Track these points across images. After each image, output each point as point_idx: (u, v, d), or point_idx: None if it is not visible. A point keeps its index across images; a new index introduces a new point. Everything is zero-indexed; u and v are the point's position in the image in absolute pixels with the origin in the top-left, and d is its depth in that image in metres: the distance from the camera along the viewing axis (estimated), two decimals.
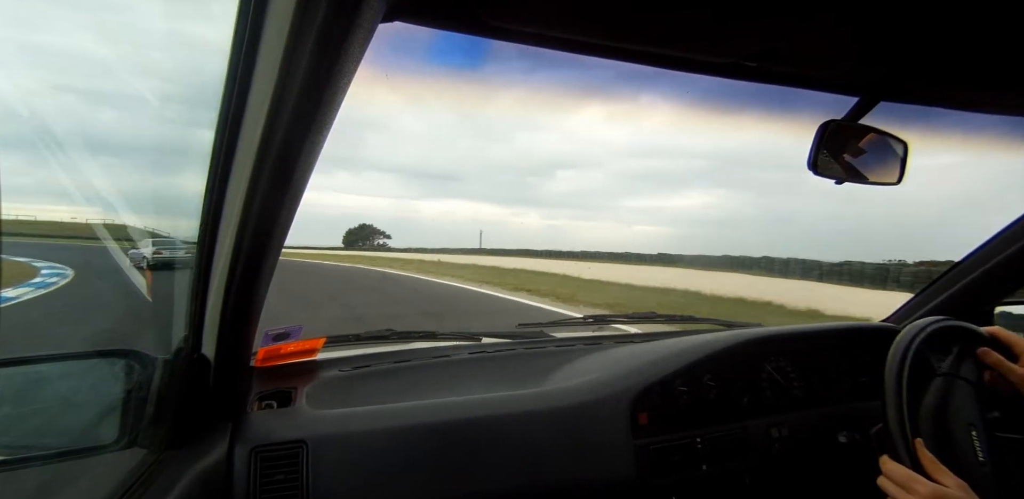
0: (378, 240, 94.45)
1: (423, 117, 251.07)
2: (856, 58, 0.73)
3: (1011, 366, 0.81)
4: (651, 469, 0.94)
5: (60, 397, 0.73)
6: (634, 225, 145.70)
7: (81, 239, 12.48)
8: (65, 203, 5.26)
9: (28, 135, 0.99)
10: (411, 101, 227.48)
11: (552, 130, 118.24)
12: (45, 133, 0.98)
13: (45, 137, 0.97)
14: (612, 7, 0.58)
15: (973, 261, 1.26)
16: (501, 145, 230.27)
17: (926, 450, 0.73)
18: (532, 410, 0.93)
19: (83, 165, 1.07)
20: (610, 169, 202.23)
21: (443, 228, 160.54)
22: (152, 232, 3.73)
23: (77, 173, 1.08)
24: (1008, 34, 0.65)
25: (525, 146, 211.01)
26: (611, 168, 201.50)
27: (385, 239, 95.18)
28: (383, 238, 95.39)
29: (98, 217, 1.43)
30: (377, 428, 0.85)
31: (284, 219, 0.64)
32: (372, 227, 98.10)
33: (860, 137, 0.87)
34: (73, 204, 5.12)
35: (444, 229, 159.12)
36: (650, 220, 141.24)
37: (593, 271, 18.32)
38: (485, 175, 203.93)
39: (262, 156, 0.55)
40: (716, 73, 0.75)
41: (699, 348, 1.07)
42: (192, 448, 0.76)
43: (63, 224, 15.03)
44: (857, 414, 1.09)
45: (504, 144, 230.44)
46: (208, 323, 0.76)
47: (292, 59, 0.45)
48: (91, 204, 1.19)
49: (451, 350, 1.23)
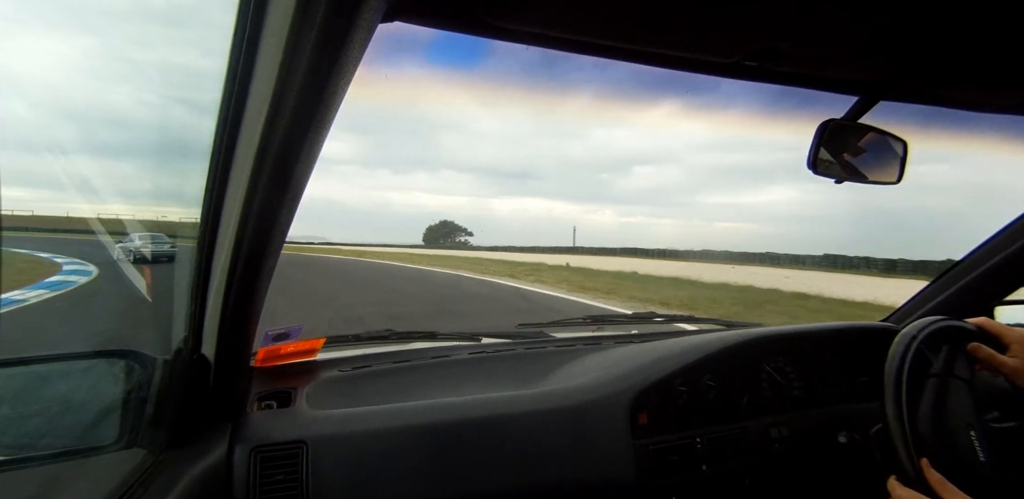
0: (459, 237, 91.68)
1: (498, 116, 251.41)
2: (856, 58, 0.73)
3: (1002, 359, 0.81)
4: (651, 469, 0.94)
5: (60, 397, 0.73)
6: (715, 222, 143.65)
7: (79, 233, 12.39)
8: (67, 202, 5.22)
9: (28, 135, 0.99)
10: (486, 102, 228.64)
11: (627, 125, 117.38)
12: (45, 133, 0.98)
13: (46, 137, 0.97)
14: (612, 7, 0.58)
15: (973, 260, 1.26)
16: (575, 142, 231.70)
17: (933, 470, 0.72)
18: (532, 410, 0.93)
19: (83, 165, 1.07)
20: (689, 164, 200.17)
21: (518, 226, 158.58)
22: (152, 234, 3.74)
23: (77, 173, 1.08)
24: (1007, 34, 0.65)
25: (600, 142, 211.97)
26: (690, 163, 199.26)
27: (467, 237, 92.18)
28: (465, 235, 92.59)
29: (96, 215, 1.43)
30: (377, 428, 0.85)
31: (284, 219, 0.64)
32: (453, 224, 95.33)
33: (860, 136, 0.87)
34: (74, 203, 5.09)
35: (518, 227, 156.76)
36: (733, 216, 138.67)
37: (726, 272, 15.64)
38: (558, 172, 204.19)
39: (262, 156, 0.55)
40: (716, 73, 0.75)
41: (699, 348, 1.07)
42: (192, 448, 0.76)
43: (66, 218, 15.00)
44: (857, 414, 1.09)
45: (578, 141, 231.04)
46: (208, 323, 0.76)
47: (292, 59, 0.45)
48: (91, 203, 1.19)
49: (451, 350, 1.23)
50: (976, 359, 0.82)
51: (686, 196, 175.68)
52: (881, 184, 0.92)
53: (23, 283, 7.09)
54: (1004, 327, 0.85)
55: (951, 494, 0.70)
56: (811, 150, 0.84)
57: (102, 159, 1.19)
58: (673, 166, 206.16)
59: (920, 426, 0.77)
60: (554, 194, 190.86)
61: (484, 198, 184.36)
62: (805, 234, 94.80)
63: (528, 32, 0.63)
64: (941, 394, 0.79)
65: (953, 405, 0.78)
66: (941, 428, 0.77)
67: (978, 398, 0.79)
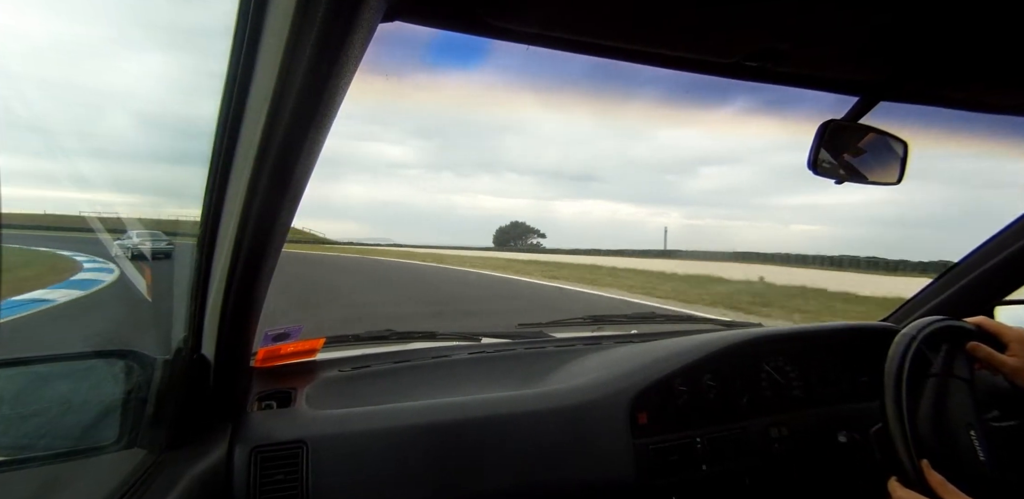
0: (531, 239, 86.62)
1: (561, 118, 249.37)
2: (856, 58, 0.73)
3: (1001, 358, 0.81)
4: (651, 469, 0.94)
5: (60, 398, 0.73)
6: (792, 224, 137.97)
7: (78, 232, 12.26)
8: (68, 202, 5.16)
9: (29, 134, 0.99)
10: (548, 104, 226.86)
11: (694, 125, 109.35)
12: (45, 132, 0.98)
13: (46, 136, 0.97)
14: (612, 7, 0.58)
15: (974, 260, 1.26)
16: (638, 143, 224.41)
17: (933, 472, 0.72)
18: (531, 410, 0.93)
19: (83, 165, 1.07)
20: (760, 164, 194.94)
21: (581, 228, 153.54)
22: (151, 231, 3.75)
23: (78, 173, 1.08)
24: (1008, 34, 0.65)
25: (665, 143, 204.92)
26: (761, 163, 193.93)
27: (539, 239, 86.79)
28: (537, 237, 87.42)
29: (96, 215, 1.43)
30: (377, 428, 0.85)
31: (284, 219, 0.64)
32: (525, 225, 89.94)
33: (860, 137, 0.87)
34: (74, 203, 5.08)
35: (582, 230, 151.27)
36: (810, 218, 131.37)
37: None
38: (622, 174, 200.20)
39: (262, 156, 0.55)
40: (716, 73, 0.75)
41: (699, 348, 1.07)
42: (192, 448, 0.76)
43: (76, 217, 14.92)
44: (857, 414, 1.09)
45: (642, 142, 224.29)
46: (208, 323, 0.76)
47: (292, 59, 0.45)
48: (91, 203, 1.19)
49: (451, 350, 1.23)
50: (975, 358, 0.82)
51: (758, 197, 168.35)
52: (881, 184, 0.92)
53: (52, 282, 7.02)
54: (1003, 326, 0.85)
55: (951, 495, 0.70)
56: (811, 150, 0.84)
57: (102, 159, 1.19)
58: (743, 166, 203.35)
59: (920, 426, 0.77)
60: (617, 196, 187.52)
61: (546, 200, 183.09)
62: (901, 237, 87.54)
63: (528, 32, 0.63)
64: (941, 394, 0.79)
65: (953, 405, 0.78)
66: (941, 428, 0.77)
67: (978, 397, 0.79)
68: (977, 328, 0.85)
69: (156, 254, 3.77)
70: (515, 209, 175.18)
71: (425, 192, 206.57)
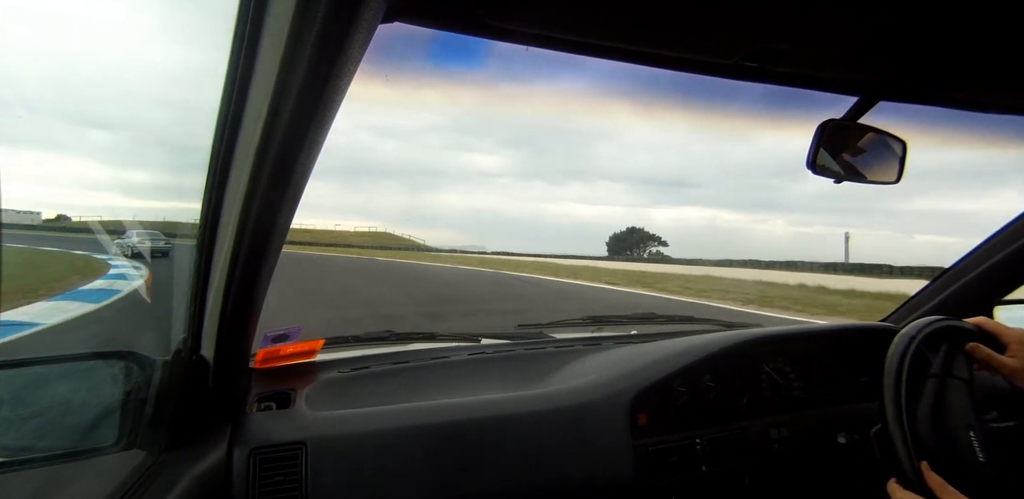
0: (652, 247, 79.56)
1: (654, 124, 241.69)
2: (856, 58, 0.73)
3: (1001, 359, 0.81)
4: (650, 470, 0.93)
5: (59, 399, 0.72)
6: (917, 234, 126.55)
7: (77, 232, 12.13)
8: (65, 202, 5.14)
9: (29, 134, 0.99)
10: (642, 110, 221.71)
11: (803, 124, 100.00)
12: (45, 132, 0.98)
13: (45, 136, 0.97)
14: (612, 7, 0.58)
15: (973, 260, 1.27)
16: (736, 146, 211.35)
17: (933, 473, 0.72)
18: (531, 411, 0.93)
19: (84, 164, 1.07)
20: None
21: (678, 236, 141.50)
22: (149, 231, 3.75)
23: (78, 173, 1.07)
24: (1007, 34, 0.65)
25: (767, 145, 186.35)
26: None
27: (660, 246, 78.90)
28: (657, 245, 79.61)
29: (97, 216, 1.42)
30: (376, 429, 0.85)
31: (284, 219, 0.64)
32: (643, 231, 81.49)
33: (859, 136, 0.87)
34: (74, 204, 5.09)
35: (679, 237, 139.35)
36: (942, 228, 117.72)
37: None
38: (720, 179, 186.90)
39: (262, 156, 0.55)
40: (716, 73, 0.75)
41: (698, 349, 1.07)
42: (191, 450, 0.76)
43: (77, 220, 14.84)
44: (856, 415, 1.09)
45: (740, 145, 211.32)
46: (207, 324, 0.76)
47: (292, 59, 0.45)
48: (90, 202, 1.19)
49: (450, 351, 1.23)
50: (975, 359, 0.82)
51: (875, 202, 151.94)
52: (880, 184, 0.92)
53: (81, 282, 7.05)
54: (1002, 327, 0.85)
55: (951, 496, 0.69)
56: (810, 150, 0.84)
57: (102, 159, 1.18)
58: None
59: (919, 426, 0.77)
60: (715, 202, 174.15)
61: (639, 208, 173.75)
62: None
63: (528, 33, 0.63)
64: (940, 394, 0.79)
65: (952, 405, 0.78)
66: (940, 428, 0.77)
67: (977, 398, 0.79)
68: (977, 328, 0.85)
69: (155, 253, 3.76)
70: (607, 216, 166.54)
71: (516, 200, 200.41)
